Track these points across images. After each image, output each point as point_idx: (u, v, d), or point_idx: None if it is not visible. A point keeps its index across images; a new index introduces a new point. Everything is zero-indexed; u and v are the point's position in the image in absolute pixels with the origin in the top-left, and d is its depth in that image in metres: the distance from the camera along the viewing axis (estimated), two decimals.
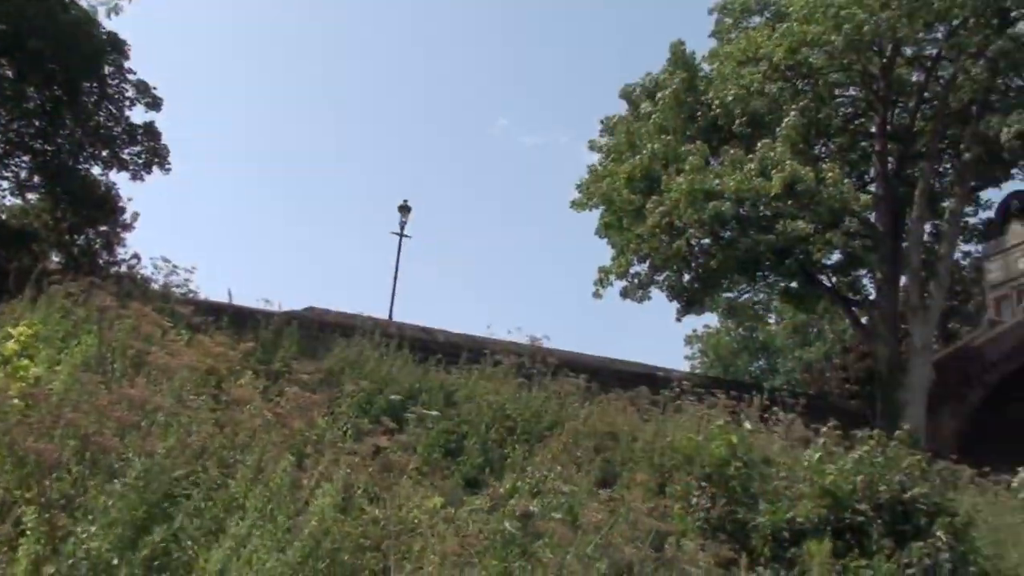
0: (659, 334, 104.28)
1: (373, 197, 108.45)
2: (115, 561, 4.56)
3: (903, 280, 29.76)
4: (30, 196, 27.27)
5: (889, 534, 10.67)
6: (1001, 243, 36.72)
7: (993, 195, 34.94)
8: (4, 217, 26.57)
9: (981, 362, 32.98)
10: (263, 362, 11.26)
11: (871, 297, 31.14)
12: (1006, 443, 30.66)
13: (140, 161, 26.94)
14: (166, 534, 4.82)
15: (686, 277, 29.55)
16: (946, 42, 28.60)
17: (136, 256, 25.58)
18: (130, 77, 26.99)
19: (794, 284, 31.07)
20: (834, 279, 31.23)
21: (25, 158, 26.33)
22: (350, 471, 6.54)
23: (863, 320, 31.61)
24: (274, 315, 14.92)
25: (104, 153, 26.69)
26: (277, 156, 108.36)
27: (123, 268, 24.30)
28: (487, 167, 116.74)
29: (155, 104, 27.24)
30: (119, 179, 27.44)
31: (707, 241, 28.11)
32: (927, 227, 31.19)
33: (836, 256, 29.31)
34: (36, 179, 26.69)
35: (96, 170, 26.94)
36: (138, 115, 27.31)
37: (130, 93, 27.03)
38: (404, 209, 35.37)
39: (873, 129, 31.94)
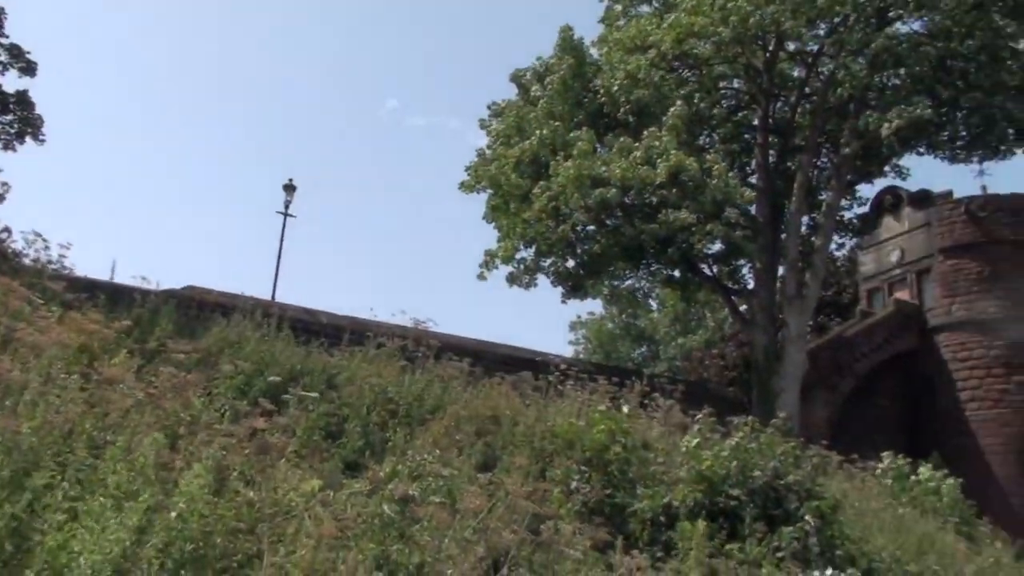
0: (545, 319, 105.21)
1: (260, 176, 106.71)
2: None
3: (781, 270, 30.48)
4: None
5: (761, 518, 10.93)
6: (874, 237, 37.93)
7: (868, 190, 36.09)
8: None
9: (852, 352, 34.05)
10: (139, 341, 10.95)
11: (750, 287, 31.77)
12: (874, 431, 31.85)
13: (12, 131, 25.94)
14: (17, 511, 4.64)
15: (571, 263, 29.76)
16: (827, 38, 29.32)
17: (6, 229, 24.56)
18: (2, 41, 25.97)
19: (676, 272, 31.52)
20: (715, 268, 31.75)
21: None
22: (225, 453, 6.41)
23: (742, 309, 32.29)
24: (151, 293, 14.51)
25: None
26: (161, 132, 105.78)
27: None
28: (376, 148, 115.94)
29: (29, 69, 26.25)
30: None
31: (592, 227, 28.33)
32: (805, 219, 31.98)
33: (717, 246, 29.79)
34: None
35: None
36: (11, 82, 26.31)
37: (2, 57, 26.00)
38: (289, 188, 34.77)
39: (755, 122, 32.61)
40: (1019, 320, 33.06)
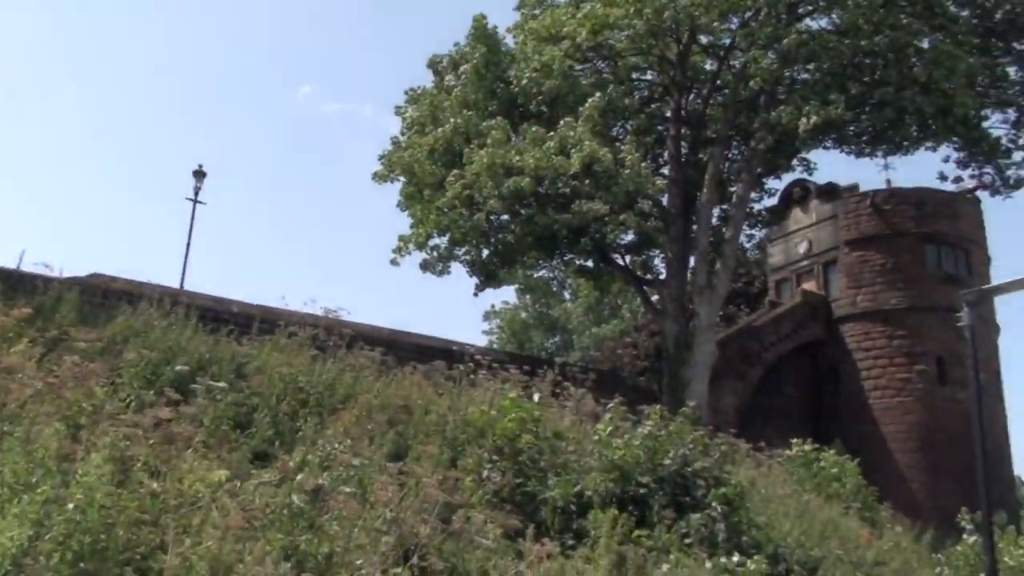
0: (460, 309, 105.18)
1: (171, 162, 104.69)
2: None
3: (692, 261, 30.82)
4: None
5: (670, 505, 11.10)
6: (783, 228, 38.63)
7: (777, 183, 36.68)
8: None
9: (761, 342, 34.67)
10: (40, 329, 10.69)
11: (662, 277, 32.06)
12: (782, 419, 32.49)
13: None
14: None
15: (485, 252, 29.71)
16: (739, 32, 29.70)
17: None
18: None
19: (589, 263, 31.67)
20: (627, 258, 31.95)
21: None
22: (128, 443, 6.29)
23: (654, 299, 32.61)
24: (55, 280, 14.14)
25: None
26: (70, 118, 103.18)
27: None
28: (289, 134, 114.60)
29: None
30: None
31: (506, 217, 28.31)
32: (716, 211, 32.33)
33: (630, 236, 29.98)
34: None
35: None
36: None
37: None
38: (199, 174, 34.09)
39: (668, 113, 32.91)
40: (921, 311, 33.97)
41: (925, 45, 28.44)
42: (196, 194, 33.68)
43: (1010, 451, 35.27)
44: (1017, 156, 31.72)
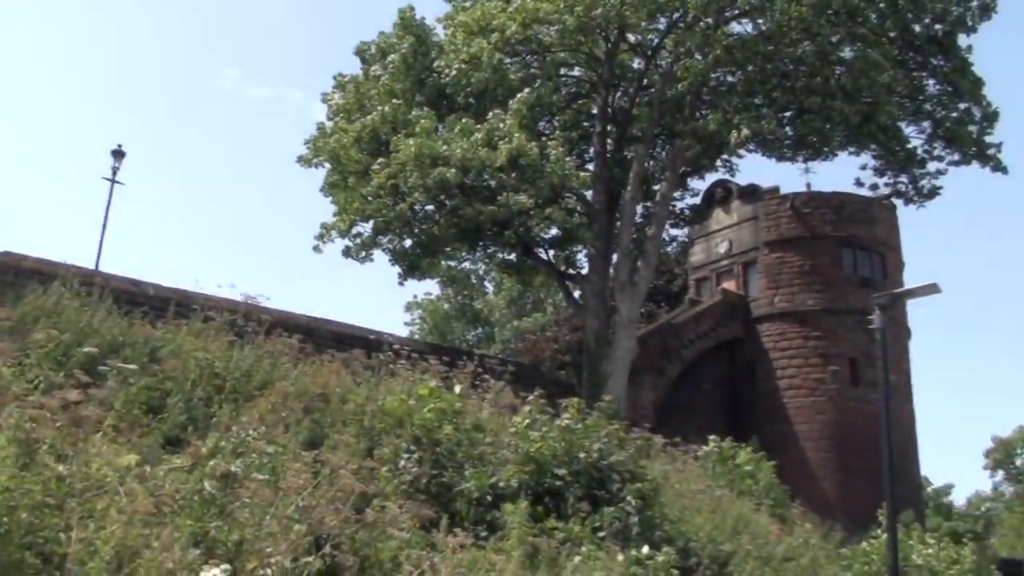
0: (384, 300, 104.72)
1: (90, 141, 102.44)
2: None
3: (614, 257, 31.04)
4: None
5: (585, 498, 11.17)
6: (705, 228, 39.15)
7: (701, 183, 37.14)
8: None
9: (680, 339, 35.09)
10: None
11: (584, 272, 32.24)
12: (699, 416, 32.95)
13: None
14: None
15: (408, 242, 29.63)
16: (667, 34, 29.97)
17: None
18: None
19: (513, 256, 31.75)
20: (551, 253, 32.09)
21: None
22: (35, 425, 6.15)
23: (576, 294, 32.78)
24: None
25: None
26: None
27: None
28: (213, 117, 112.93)
29: None
30: None
31: (431, 207, 28.25)
32: (639, 208, 32.60)
33: (554, 231, 30.14)
34: None
35: None
36: None
37: None
38: (118, 154, 33.31)
39: (595, 110, 33.07)
40: (836, 313, 34.69)
41: (848, 55, 28.99)
42: (114, 174, 32.90)
43: (917, 452, 36.20)
44: (931, 167, 32.63)
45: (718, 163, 34.12)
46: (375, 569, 7.29)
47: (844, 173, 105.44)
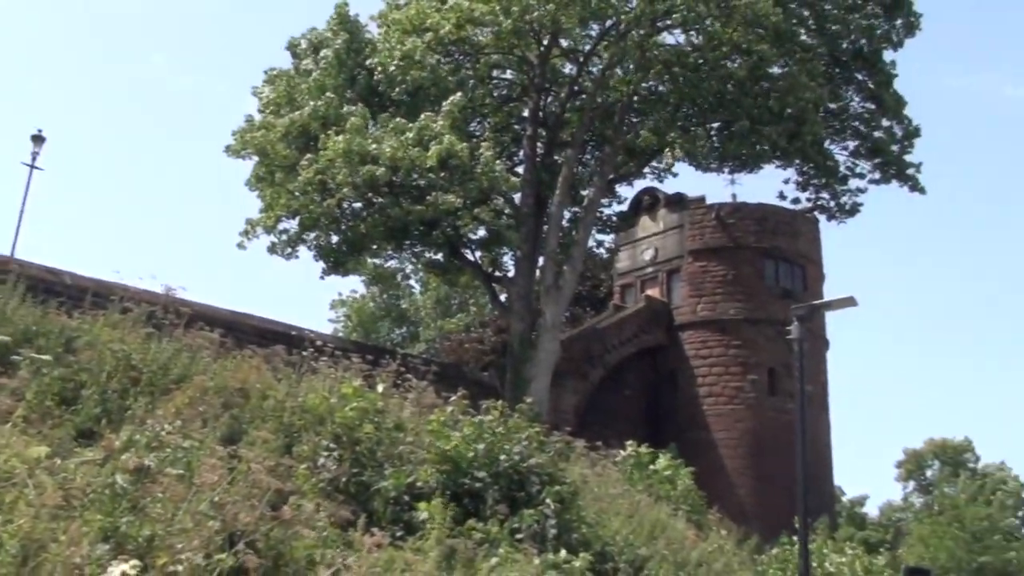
0: (309, 297, 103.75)
1: (9, 126, 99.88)
2: None
3: (541, 261, 31.17)
4: None
5: (504, 500, 11.18)
6: (631, 235, 39.45)
7: (629, 190, 37.48)
8: None
9: (604, 344, 35.32)
10: None
11: (510, 274, 32.31)
12: (621, 420, 33.16)
13: None
14: None
15: (334, 238, 29.43)
16: (600, 40, 30.18)
17: None
18: None
19: (440, 256, 31.74)
20: (478, 254, 32.15)
21: None
22: None
23: (502, 296, 32.86)
24: None
25: None
26: None
27: None
28: (137, 104, 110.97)
29: None
30: None
31: (359, 205, 28.11)
32: (567, 213, 32.81)
33: (481, 232, 30.18)
34: None
35: None
36: None
37: None
38: (37, 139, 32.50)
39: (526, 113, 33.20)
40: (757, 323, 35.19)
41: (776, 71, 29.47)
42: (33, 160, 32.07)
43: (832, 461, 36.85)
44: (852, 184, 33.33)
45: (646, 170, 34.47)
46: (289, 567, 7.22)
47: (769, 186, 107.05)
